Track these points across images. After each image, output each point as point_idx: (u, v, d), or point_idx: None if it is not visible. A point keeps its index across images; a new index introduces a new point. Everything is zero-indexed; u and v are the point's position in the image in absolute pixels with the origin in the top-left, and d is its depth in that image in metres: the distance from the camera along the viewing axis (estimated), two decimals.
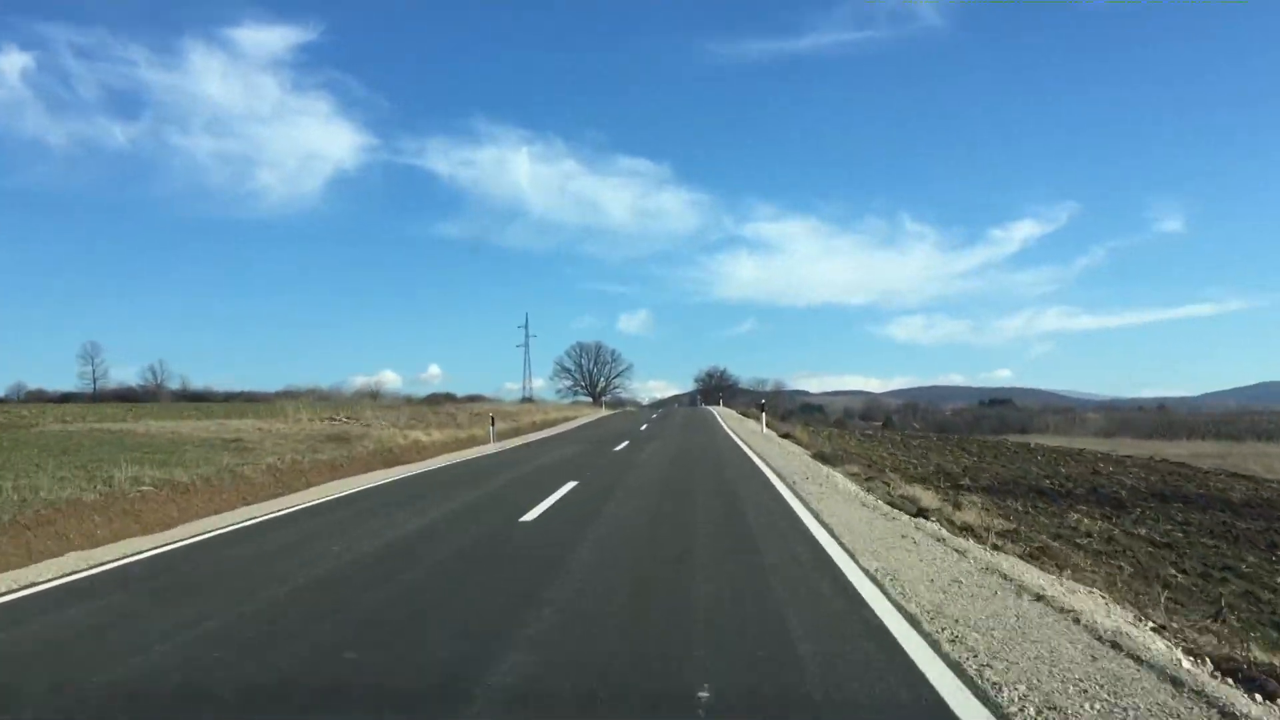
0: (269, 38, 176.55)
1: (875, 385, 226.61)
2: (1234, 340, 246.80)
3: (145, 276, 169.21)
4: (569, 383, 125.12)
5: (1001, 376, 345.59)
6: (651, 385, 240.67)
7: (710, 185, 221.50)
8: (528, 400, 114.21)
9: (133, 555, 9.85)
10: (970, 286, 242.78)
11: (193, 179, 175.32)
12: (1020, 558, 9.90)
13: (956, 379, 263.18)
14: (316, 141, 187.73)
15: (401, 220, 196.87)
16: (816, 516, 11.98)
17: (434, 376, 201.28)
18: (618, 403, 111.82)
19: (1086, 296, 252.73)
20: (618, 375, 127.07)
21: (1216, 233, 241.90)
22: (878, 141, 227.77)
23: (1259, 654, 6.41)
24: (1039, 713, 4.67)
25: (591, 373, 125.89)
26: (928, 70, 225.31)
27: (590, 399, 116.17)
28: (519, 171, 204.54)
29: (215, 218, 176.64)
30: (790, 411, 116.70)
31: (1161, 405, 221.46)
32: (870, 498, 14.83)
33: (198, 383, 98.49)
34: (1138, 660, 5.60)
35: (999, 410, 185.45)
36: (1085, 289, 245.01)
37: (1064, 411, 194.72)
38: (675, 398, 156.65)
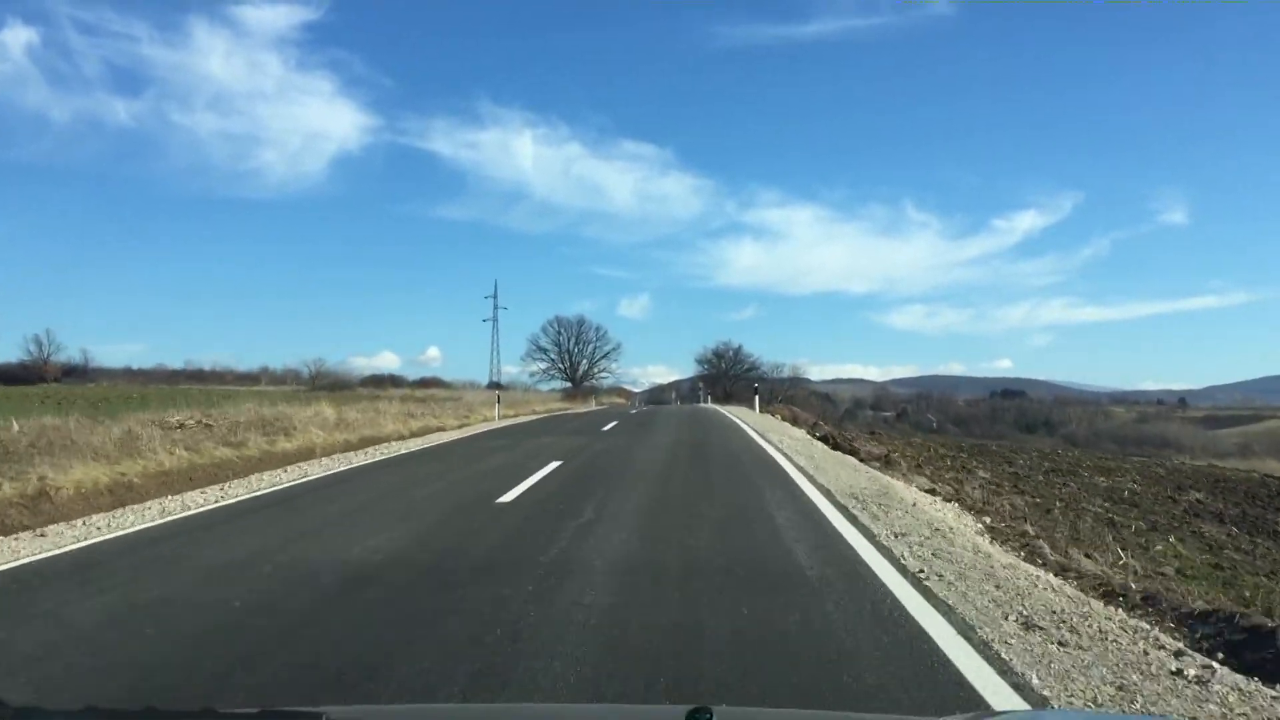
0: (273, 16, 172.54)
1: (875, 374, 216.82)
2: (1237, 333, 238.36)
3: (136, 252, 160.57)
4: (545, 365, 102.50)
5: (1002, 367, 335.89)
6: (651, 371, 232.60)
7: (714, 170, 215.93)
8: (495, 386, 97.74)
9: None
10: (972, 276, 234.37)
11: (194, 156, 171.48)
12: None
13: (957, 368, 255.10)
14: (320, 121, 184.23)
15: (403, 201, 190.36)
16: None
17: (432, 359, 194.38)
18: (591, 392, 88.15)
19: (1089, 287, 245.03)
20: (603, 356, 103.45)
21: (1220, 225, 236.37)
22: (882, 129, 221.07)
23: None
24: None
25: (572, 353, 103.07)
26: (933, 58, 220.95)
27: (571, 384, 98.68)
28: (522, 154, 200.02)
29: (215, 195, 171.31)
30: (792, 397, 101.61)
31: (1181, 399, 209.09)
32: None
33: (147, 361, 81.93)
34: None
35: (1016, 403, 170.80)
36: (1088, 280, 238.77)
37: (1082, 404, 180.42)
38: (674, 385, 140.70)
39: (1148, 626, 5.53)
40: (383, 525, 9.08)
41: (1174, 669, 4.53)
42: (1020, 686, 4.20)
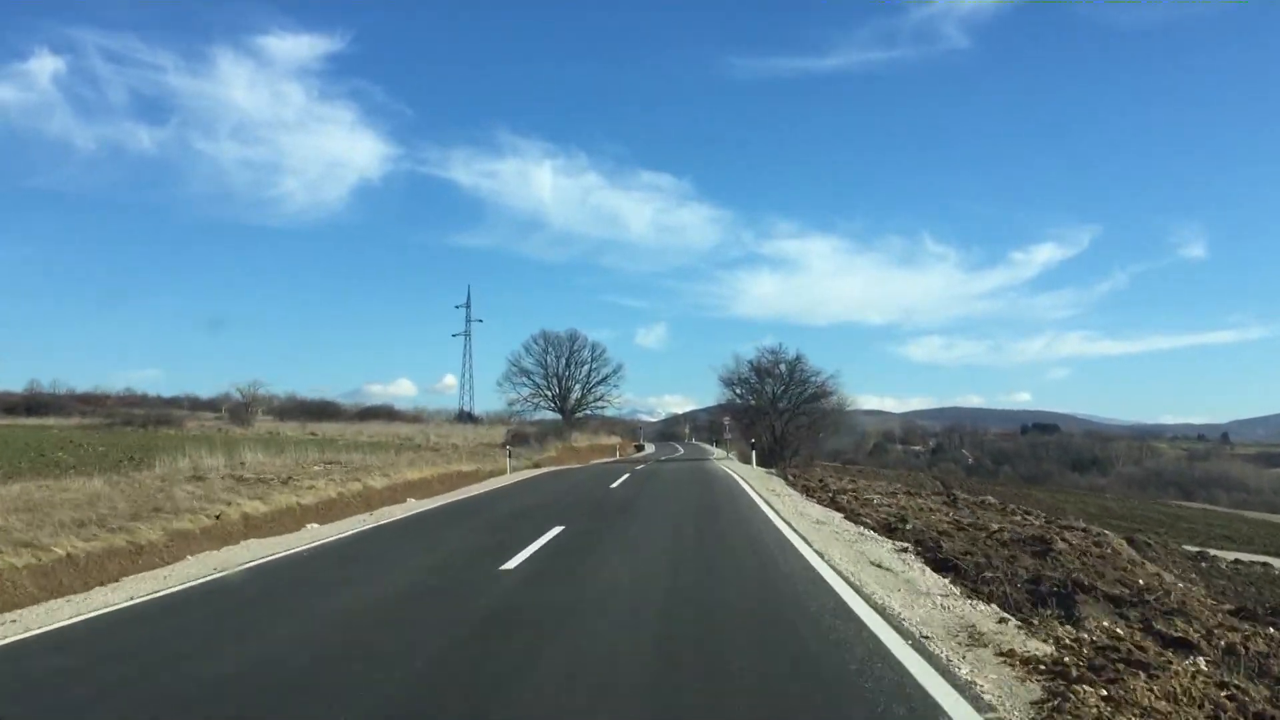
0: (296, 46, 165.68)
1: (892, 405, 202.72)
2: (1258, 367, 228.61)
3: (157, 278, 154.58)
4: (528, 390, 79.22)
5: (1021, 400, 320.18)
6: (668, 400, 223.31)
7: (731, 201, 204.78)
8: (465, 418, 79.48)
9: None
10: (990, 308, 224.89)
11: (216, 184, 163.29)
12: None
13: (975, 400, 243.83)
14: (341, 150, 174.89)
15: (422, 229, 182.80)
16: None
17: (448, 386, 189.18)
18: (571, 427, 64.31)
19: (1107, 321, 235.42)
20: (601, 381, 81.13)
21: (1239, 259, 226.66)
22: (900, 161, 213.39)
23: None
24: None
25: (562, 377, 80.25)
26: (951, 91, 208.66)
27: (560, 415, 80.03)
28: (541, 183, 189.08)
29: (237, 222, 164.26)
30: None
31: (1224, 434, 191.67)
32: None
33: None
34: None
35: (1055, 438, 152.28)
36: (1106, 313, 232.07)
37: (1120, 439, 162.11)
38: (689, 417, 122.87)
39: None
40: None
41: None
42: None
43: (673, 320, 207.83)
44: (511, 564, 9.72)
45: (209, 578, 9.28)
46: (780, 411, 47.26)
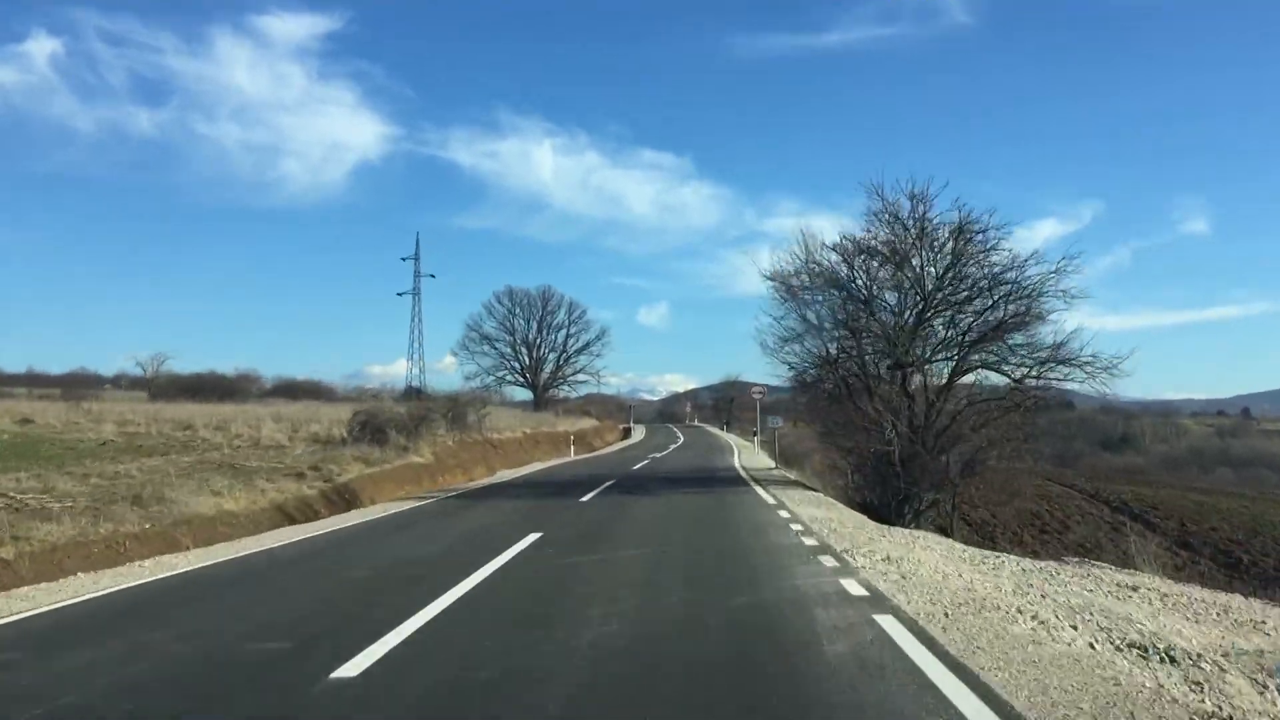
0: (296, 26, 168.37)
1: None
2: (1262, 342, 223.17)
3: (158, 261, 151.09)
4: (490, 361, 64.82)
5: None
6: (669, 379, 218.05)
7: (733, 180, 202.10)
8: (415, 393, 65.98)
9: None
10: None
11: (217, 167, 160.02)
12: None
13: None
14: (341, 131, 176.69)
15: (423, 211, 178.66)
16: None
17: (448, 366, 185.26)
18: (541, 406, 50.85)
19: (1109, 297, 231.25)
20: (581, 349, 66.97)
21: (1242, 234, 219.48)
22: (900, 137, 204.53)
23: None
24: None
25: (532, 345, 65.31)
26: (953, 67, 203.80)
27: (530, 391, 66.26)
28: (542, 163, 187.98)
29: (239, 205, 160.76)
30: None
31: (1245, 409, 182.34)
32: None
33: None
34: None
35: (1076, 414, 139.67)
36: (1108, 289, 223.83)
37: (1142, 417, 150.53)
38: (691, 395, 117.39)
39: None
40: None
41: None
42: None
43: (674, 299, 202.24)
44: None
45: None
46: (927, 361, 18.66)
